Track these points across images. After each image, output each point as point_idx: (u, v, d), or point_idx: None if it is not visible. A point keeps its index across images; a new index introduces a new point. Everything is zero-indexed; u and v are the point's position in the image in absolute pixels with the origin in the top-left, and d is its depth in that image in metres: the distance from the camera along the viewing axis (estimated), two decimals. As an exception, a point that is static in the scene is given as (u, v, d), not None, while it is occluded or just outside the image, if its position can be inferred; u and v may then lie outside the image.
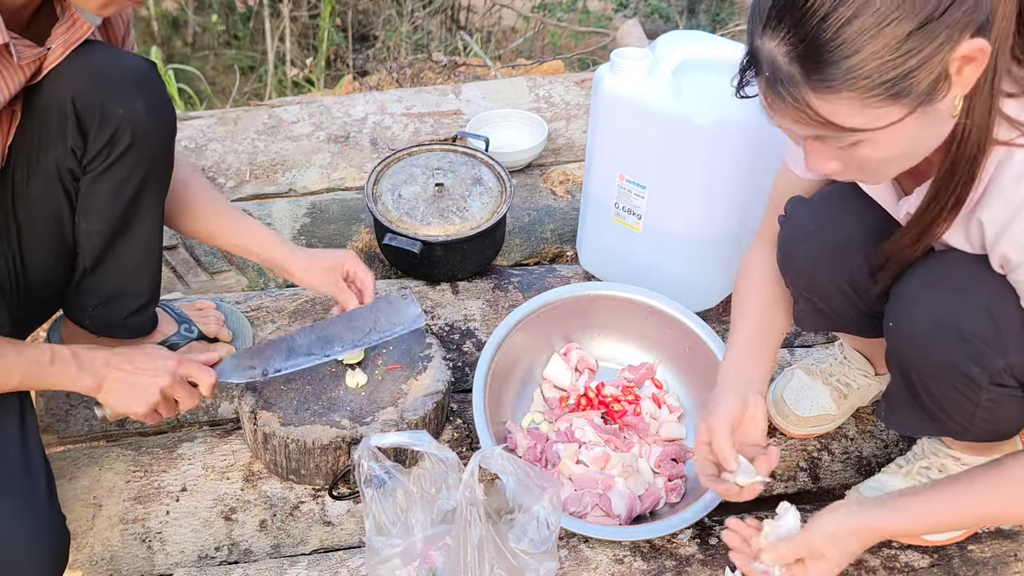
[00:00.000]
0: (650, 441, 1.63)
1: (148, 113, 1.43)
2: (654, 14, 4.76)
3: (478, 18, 5.17)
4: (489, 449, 1.29)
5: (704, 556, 1.46)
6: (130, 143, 1.43)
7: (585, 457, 1.56)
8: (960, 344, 1.18)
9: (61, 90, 1.37)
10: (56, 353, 1.34)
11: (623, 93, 1.73)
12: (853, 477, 1.65)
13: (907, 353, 1.26)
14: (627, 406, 1.67)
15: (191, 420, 1.72)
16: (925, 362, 1.24)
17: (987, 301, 1.16)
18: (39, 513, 1.30)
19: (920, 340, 1.22)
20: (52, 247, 1.51)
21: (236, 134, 2.52)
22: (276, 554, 1.50)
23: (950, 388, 1.22)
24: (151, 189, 1.51)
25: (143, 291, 1.61)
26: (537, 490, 1.29)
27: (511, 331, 1.67)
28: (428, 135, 2.55)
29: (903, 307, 1.24)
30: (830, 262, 1.35)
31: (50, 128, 1.39)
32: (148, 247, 1.58)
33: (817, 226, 1.36)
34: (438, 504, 1.31)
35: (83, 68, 1.37)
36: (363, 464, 1.30)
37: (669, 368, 1.75)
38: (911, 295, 1.23)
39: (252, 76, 4.91)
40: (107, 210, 1.48)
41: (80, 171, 1.44)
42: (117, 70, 1.41)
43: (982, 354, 1.17)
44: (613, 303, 1.75)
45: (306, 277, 1.68)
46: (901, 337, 1.26)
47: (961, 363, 1.18)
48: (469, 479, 1.24)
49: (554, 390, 1.73)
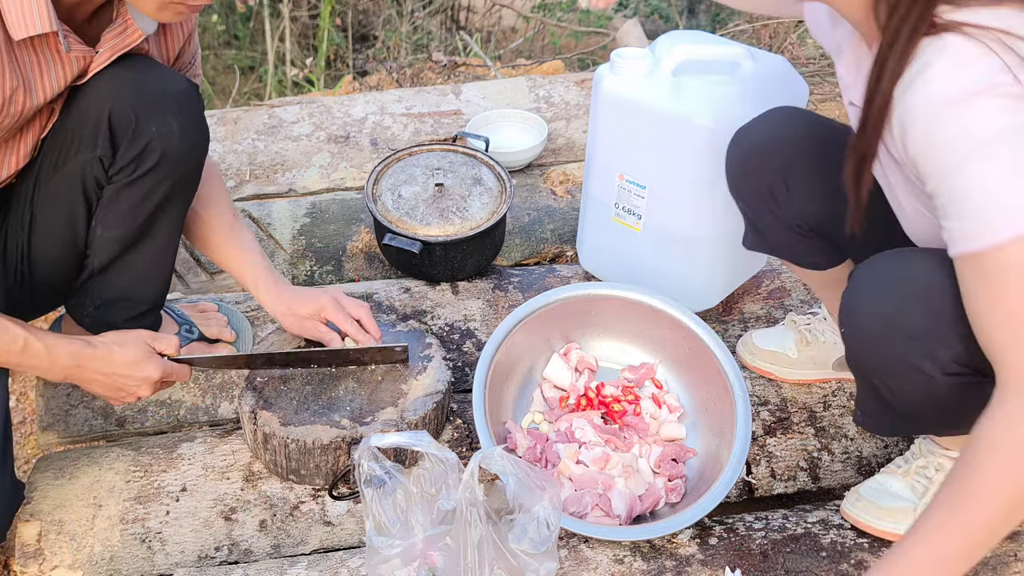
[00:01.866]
0: (650, 441, 1.63)
1: (182, 134, 1.45)
2: (654, 14, 4.76)
3: (478, 18, 5.16)
4: (489, 449, 1.29)
5: (704, 556, 1.46)
6: (158, 161, 1.44)
7: (585, 457, 1.56)
8: (907, 342, 1.18)
9: (101, 99, 1.39)
10: (29, 344, 1.34)
11: (623, 93, 1.73)
12: (853, 477, 1.65)
13: (862, 357, 1.27)
14: (627, 406, 1.67)
15: (191, 420, 1.72)
16: (879, 364, 1.24)
17: (926, 294, 1.16)
18: None
19: (870, 343, 1.23)
20: (62, 245, 1.52)
21: (236, 134, 2.52)
22: (276, 554, 1.50)
23: (909, 386, 1.22)
24: (173, 206, 1.53)
25: (146, 300, 1.62)
26: (537, 490, 1.29)
27: (511, 331, 1.67)
28: (428, 135, 2.55)
29: (850, 312, 1.26)
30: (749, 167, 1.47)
31: (83, 133, 1.41)
32: (159, 259, 1.59)
33: (744, 132, 1.50)
34: (438, 504, 1.31)
35: (126, 81, 1.40)
36: (363, 464, 1.30)
37: (669, 368, 1.75)
38: (856, 299, 1.25)
39: (252, 76, 4.90)
40: (125, 220, 1.50)
41: (105, 180, 1.46)
42: (158, 88, 1.43)
43: (929, 349, 1.17)
44: (613, 303, 1.74)
45: (285, 324, 1.68)
46: (853, 342, 1.27)
47: (912, 360, 1.19)
48: (469, 480, 1.24)
49: (554, 390, 1.73)
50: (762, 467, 1.65)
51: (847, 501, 1.52)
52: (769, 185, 1.48)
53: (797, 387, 1.77)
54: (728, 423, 1.56)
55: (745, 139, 1.52)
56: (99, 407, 1.71)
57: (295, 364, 1.63)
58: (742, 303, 1.97)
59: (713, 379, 1.63)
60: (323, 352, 1.63)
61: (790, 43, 3.31)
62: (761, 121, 1.52)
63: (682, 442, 1.65)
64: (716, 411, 1.63)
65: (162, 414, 1.72)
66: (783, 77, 1.75)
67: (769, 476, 1.64)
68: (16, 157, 1.41)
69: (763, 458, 1.66)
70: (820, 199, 1.45)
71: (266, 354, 1.61)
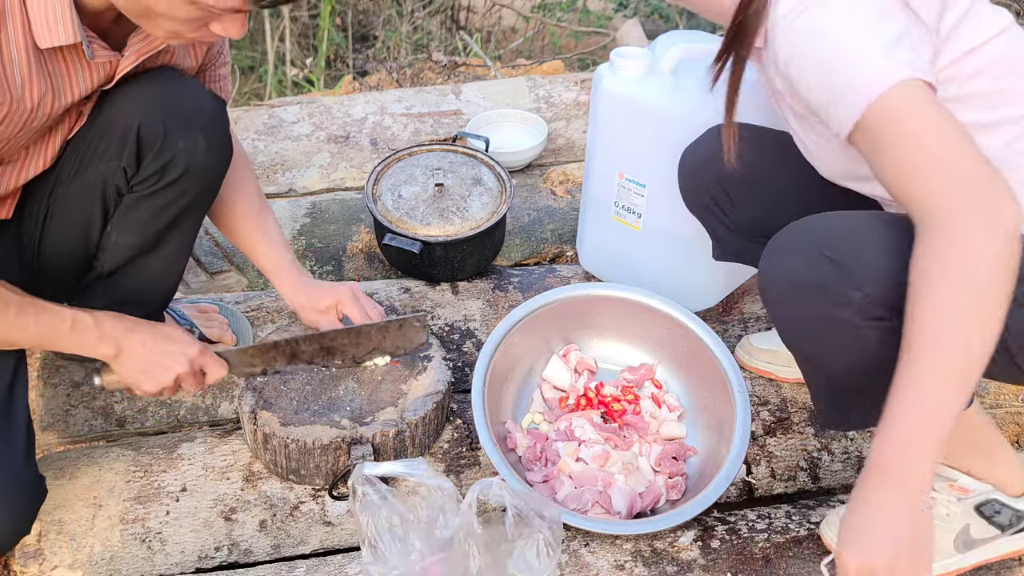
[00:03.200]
0: (650, 440, 1.63)
1: (207, 151, 1.46)
2: (654, 14, 4.76)
3: (478, 18, 5.16)
4: (487, 480, 1.28)
5: (706, 561, 1.46)
6: (181, 174, 1.45)
7: (585, 455, 1.56)
8: (818, 293, 1.15)
9: (131, 111, 1.40)
10: (77, 320, 1.36)
11: (623, 93, 1.73)
12: (853, 477, 1.65)
13: (785, 327, 1.25)
14: (627, 405, 1.67)
15: (191, 420, 1.72)
16: (802, 329, 1.21)
17: (826, 242, 1.15)
18: (14, 465, 1.32)
19: (786, 306, 1.21)
20: (73, 245, 1.53)
21: (236, 134, 2.52)
22: (276, 554, 1.50)
23: (836, 345, 1.18)
24: (189, 218, 1.54)
25: (152, 302, 1.63)
26: (536, 519, 1.28)
27: (509, 331, 1.67)
28: (428, 135, 2.55)
29: (763, 282, 1.24)
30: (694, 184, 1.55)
31: (110, 141, 1.42)
32: (169, 267, 1.60)
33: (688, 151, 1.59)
34: (436, 532, 1.29)
35: (156, 93, 1.41)
36: (358, 490, 1.28)
37: (668, 368, 1.75)
38: (765, 266, 1.23)
39: (252, 76, 4.91)
40: (141, 229, 1.51)
41: (126, 189, 1.47)
42: (188, 104, 1.44)
43: (840, 293, 1.13)
44: (612, 304, 1.75)
45: (303, 316, 1.71)
46: (773, 312, 1.25)
47: (827, 310, 1.15)
48: (467, 511, 1.23)
49: (553, 391, 1.73)
50: (762, 467, 1.65)
51: (827, 523, 1.47)
52: (714, 198, 1.57)
53: (797, 387, 1.77)
54: (727, 421, 1.56)
55: (689, 158, 1.61)
56: (99, 407, 1.71)
57: (317, 358, 1.62)
58: (742, 303, 1.97)
59: (712, 378, 1.63)
60: (346, 331, 1.63)
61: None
62: (703, 138, 1.59)
63: (682, 441, 1.65)
64: (715, 410, 1.63)
65: (162, 414, 1.72)
66: (783, 77, 1.75)
67: (769, 476, 1.64)
68: (43, 159, 1.43)
69: (763, 458, 1.66)
70: (760, 205, 1.51)
71: (293, 339, 1.60)
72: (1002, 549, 1.43)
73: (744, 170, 1.43)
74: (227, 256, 2.13)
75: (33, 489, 1.37)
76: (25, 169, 1.42)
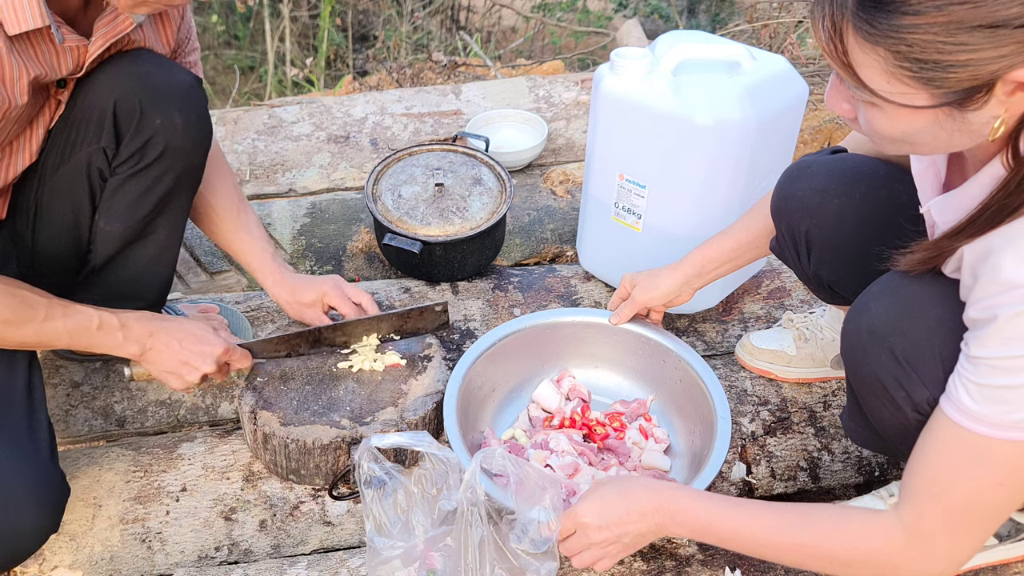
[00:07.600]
0: (629, 467, 1.56)
1: (185, 127, 1.47)
2: (654, 14, 4.77)
3: (478, 18, 5.17)
4: (491, 448, 1.29)
5: (704, 556, 1.46)
6: (161, 153, 1.46)
7: (554, 463, 1.52)
8: (889, 362, 1.15)
9: (106, 91, 1.41)
10: (104, 320, 1.39)
11: (623, 93, 1.73)
12: (853, 477, 1.65)
13: (847, 358, 1.25)
14: (611, 431, 1.62)
15: (191, 420, 1.72)
16: (858, 371, 1.22)
17: (931, 330, 1.10)
18: (42, 465, 1.33)
19: (856, 348, 1.21)
20: (65, 237, 1.53)
21: (236, 134, 2.52)
22: (276, 554, 1.50)
23: (879, 404, 1.20)
24: (175, 201, 1.55)
25: (148, 297, 1.63)
26: (538, 490, 1.29)
27: (500, 341, 1.65)
28: (428, 135, 2.55)
29: (855, 312, 1.23)
30: (790, 209, 1.45)
31: (89, 125, 1.43)
32: (161, 256, 1.60)
33: (797, 171, 1.47)
34: (439, 504, 1.31)
35: (131, 74, 1.42)
36: (363, 465, 1.30)
37: (662, 406, 1.69)
38: (865, 302, 1.21)
39: (252, 76, 4.91)
40: (128, 213, 1.51)
41: (109, 172, 1.48)
42: (163, 82, 1.45)
43: (908, 380, 1.13)
44: (613, 333, 1.70)
45: (288, 311, 1.72)
46: (844, 341, 1.25)
47: (886, 381, 1.15)
48: (470, 479, 1.24)
49: (540, 412, 1.68)
50: (762, 467, 1.65)
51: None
52: (794, 237, 1.47)
53: (797, 387, 1.77)
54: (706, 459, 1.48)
55: (793, 182, 1.46)
56: (99, 407, 1.71)
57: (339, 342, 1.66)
58: (742, 303, 1.97)
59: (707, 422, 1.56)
60: (369, 320, 1.65)
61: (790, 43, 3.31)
62: (816, 166, 1.45)
63: (664, 472, 1.57)
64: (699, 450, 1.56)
65: (162, 414, 1.72)
66: (783, 77, 1.75)
67: (769, 476, 1.64)
68: (28, 152, 1.44)
69: (763, 458, 1.66)
70: (831, 269, 1.45)
71: (314, 329, 1.63)
72: (997, 556, 1.44)
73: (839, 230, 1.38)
74: (227, 256, 2.13)
75: (61, 487, 1.37)
76: (13, 165, 1.43)
